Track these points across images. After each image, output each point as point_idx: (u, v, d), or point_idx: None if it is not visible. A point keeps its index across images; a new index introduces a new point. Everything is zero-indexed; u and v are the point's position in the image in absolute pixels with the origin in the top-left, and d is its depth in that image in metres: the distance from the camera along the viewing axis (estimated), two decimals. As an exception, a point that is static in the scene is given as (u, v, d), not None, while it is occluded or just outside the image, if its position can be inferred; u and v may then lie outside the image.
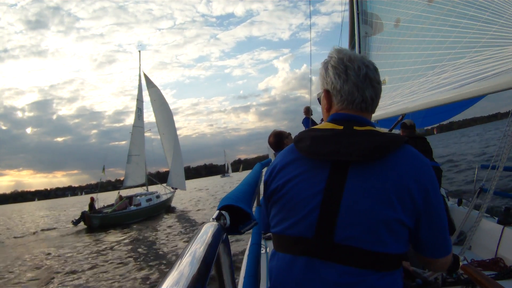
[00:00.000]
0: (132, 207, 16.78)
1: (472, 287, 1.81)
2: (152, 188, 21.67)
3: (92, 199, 17.02)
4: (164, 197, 20.09)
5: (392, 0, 2.88)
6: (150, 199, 18.20)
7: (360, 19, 3.50)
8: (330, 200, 0.72)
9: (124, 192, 18.71)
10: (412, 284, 0.95)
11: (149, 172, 22.11)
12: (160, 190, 20.73)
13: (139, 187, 20.70)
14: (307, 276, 0.71)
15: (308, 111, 6.52)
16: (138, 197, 17.75)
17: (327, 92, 0.86)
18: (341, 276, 0.68)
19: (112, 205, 17.01)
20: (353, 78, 0.81)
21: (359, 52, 3.44)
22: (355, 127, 0.78)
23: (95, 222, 14.86)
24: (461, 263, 1.00)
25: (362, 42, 3.50)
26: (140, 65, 22.90)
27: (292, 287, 0.73)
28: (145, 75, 22.55)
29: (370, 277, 0.68)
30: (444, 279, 1.83)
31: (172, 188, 21.22)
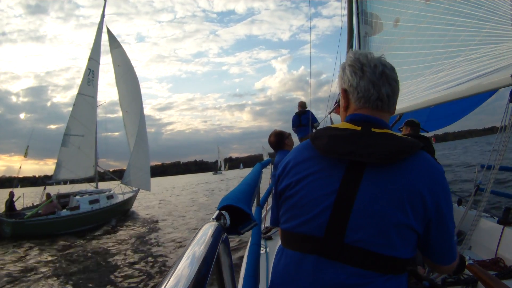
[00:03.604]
0: (64, 211, 11.30)
1: (472, 287, 1.81)
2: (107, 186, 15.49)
3: (11, 194, 11.32)
4: (119, 198, 14.32)
5: (392, -1, 2.89)
6: (95, 201, 12.58)
7: (360, 19, 3.51)
8: (344, 200, 0.72)
9: (67, 189, 13.34)
10: (419, 284, 0.95)
11: (109, 170, 15.64)
12: (117, 190, 14.77)
13: (85, 183, 14.56)
14: (315, 275, 0.71)
15: (303, 105, 6.34)
16: (78, 197, 12.29)
17: (344, 91, 0.87)
18: (349, 277, 0.69)
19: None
20: (369, 75, 0.82)
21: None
22: (373, 129, 0.78)
23: (6, 230, 10.32)
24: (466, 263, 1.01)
25: (362, 42, 3.51)
26: (103, 15, 15.73)
27: (299, 285, 0.73)
28: (108, 31, 15.93)
29: (377, 280, 0.68)
30: (443, 279, 1.83)
31: (130, 186, 15.18)
